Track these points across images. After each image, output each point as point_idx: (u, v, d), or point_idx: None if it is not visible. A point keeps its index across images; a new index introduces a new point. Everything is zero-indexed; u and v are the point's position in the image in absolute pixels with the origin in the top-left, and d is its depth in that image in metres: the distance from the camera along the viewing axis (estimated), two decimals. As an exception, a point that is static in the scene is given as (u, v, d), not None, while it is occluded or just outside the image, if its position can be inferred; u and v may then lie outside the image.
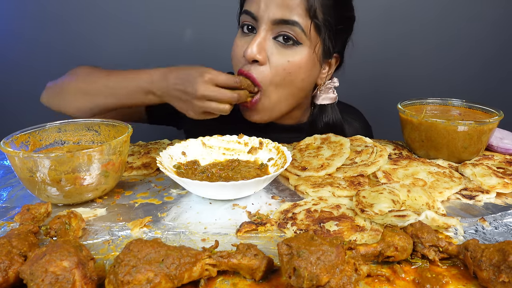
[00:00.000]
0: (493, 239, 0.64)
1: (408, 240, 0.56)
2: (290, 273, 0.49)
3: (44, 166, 0.68)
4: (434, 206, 0.72)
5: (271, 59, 0.92)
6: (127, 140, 0.79)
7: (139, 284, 0.47)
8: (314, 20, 0.90)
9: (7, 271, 0.50)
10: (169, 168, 0.81)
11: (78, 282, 0.46)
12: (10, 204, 0.77)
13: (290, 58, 0.91)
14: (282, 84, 0.95)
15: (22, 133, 0.80)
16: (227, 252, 0.53)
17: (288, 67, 0.92)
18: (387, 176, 0.84)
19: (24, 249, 0.53)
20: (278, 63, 0.91)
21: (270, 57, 0.92)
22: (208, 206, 0.75)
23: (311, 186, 0.81)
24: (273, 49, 0.91)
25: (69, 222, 0.62)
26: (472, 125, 0.89)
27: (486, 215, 0.71)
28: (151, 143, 1.09)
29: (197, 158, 0.89)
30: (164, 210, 0.74)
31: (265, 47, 0.91)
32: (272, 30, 0.91)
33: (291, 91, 0.98)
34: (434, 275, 0.53)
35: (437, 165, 0.89)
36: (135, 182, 0.87)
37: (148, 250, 0.49)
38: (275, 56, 0.91)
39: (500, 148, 1.01)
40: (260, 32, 0.90)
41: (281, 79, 0.93)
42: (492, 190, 0.79)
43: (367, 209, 0.69)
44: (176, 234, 0.66)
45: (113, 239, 0.64)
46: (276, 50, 0.91)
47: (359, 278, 0.51)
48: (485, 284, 0.50)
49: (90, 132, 0.89)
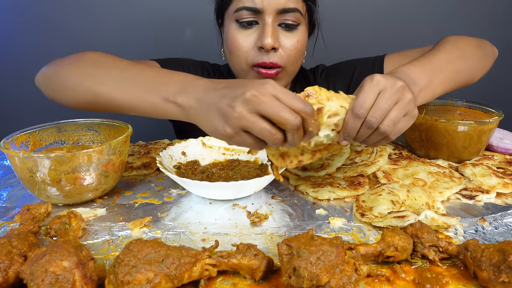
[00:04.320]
0: (493, 239, 0.63)
1: (408, 240, 0.56)
2: (290, 273, 0.49)
3: (44, 166, 0.68)
4: (434, 206, 0.72)
5: (283, 43, 0.98)
6: (127, 140, 0.79)
7: (139, 284, 0.47)
8: (307, 2, 1.01)
9: (7, 271, 0.50)
10: (169, 168, 0.81)
11: (78, 282, 0.46)
12: (10, 204, 0.77)
13: (297, 38, 0.99)
14: (295, 62, 1.03)
15: (22, 133, 0.80)
16: (227, 252, 0.53)
17: (298, 46, 1.00)
18: (387, 176, 0.84)
19: (24, 249, 0.53)
20: (290, 45, 0.98)
21: (282, 42, 0.98)
22: (208, 206, 0.75)
23: (311, 186, 0.81)
24: (281, 34, 0.98)
25: (69, 222, 0.62)
26: (472, 125, 0.89)
27: (486, 215, 0.71)
28: (151, 143, 1.09)
29: (197, 158, 0.89)
30: (164, 210, 0.74)
31: (276, 34, 0.97)
32: (276, 18, 0.96)
33: (298, 65, 1.06)
34: (434, 275, 0.53)
35: (437, 165, 0.89)
36: (135, 182, 0.87)
37: (148, 250, 0.49)
38: (285, 40, 0.98)
39: (500, 148, 1.01)
40: (267, 23, 0.95)
41: (295, 57, 1.01)
42: (492, 190, 0.79)
43: (367, 213, 0.69)
44: (176, 234, 0.66)
45: (113, 239, 0.64)
46: (283, 34, 0.98)
47: (359, 278, 0.51)
48: (485, 284, 0.50)
49: (90, 132, 0.89)
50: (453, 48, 0.87)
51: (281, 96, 0.58)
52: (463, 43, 0.91)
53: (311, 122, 0.59)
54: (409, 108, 0.65)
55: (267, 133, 0.58)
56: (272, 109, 0.57)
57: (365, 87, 0.63)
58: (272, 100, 0.57)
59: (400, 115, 0.64)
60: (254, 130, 0.58)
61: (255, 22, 0.96)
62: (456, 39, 0.93)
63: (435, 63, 0.80)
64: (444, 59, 0.82)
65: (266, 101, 0.57)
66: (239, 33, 0.98)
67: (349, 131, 0.63)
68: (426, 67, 0.77)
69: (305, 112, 0.57)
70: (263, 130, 0.58)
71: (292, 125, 0.57)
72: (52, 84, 0.85)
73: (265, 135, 0.58)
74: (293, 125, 0.57)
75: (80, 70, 0.81)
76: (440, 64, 0.81)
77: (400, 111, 0.63)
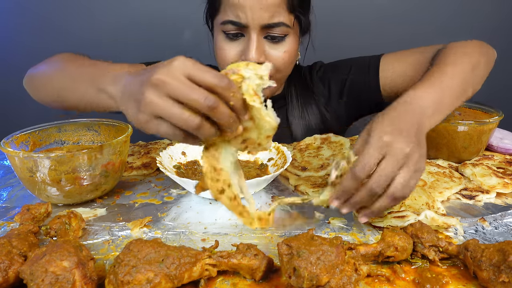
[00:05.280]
0: (493, 239, 0.63)
1: (408, 240, 0.56)
2: (290, 273, 0.49)
3: (44, 166, 0.68)
4: (434, 206, 0.72)
5: (269, 55, 0.98)
6: (127, 140, 0.79)
7: (139, 284, 0.47)
8: (295, 12, 0.99)
9: (7, 271, 0.50)
10: (169, 168, 0.81)
11: (78, 282, 0.46)
12: (10, 204, 0.77)
13: (284, 49, 0.98)
14: (283, 70, 1.03)
15: (22, 133, 0.80)
16: (227, 252, 0.53)
17: (285, 57, 0.99)
18: (387, 176, 0.84)
19: (24, 249, 0.53)
20: (277, 56, 0.98)
21: (268, 53, 0.98)
22: (208, 206, 0.75)
23: (311, 186, 0.81)
24: (267, 47, 0.98)
25: (69, 222, 0.62)
26: (472, 125, 0.89)
27: (486, 215, 0.71)
28: (151, 143, 1.09)
29: (197, 158, 0.89)
30: (164, 210, 0.74)
31: (261, 48, 0.96)
32: (262, 32, 0.95)
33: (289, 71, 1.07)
34: (434, 275, 0.53)
35: (437, 165, 0.89)
36: (135, 182, 0.87)
37: (148, 250, 0.49)
38: (272, 51, 0.98)
39: (500, 148, 1.01)
40: (252, 38, 0.94)
41: (283, 67, 1.02)
42: (492, 190, 0.79)
43: None
44: (176, 234, 0.66)
45: (113, 239, 0.64)
46: (270, 46, 0.98)
47: (359, 278, 0.51)
48: (485, 284, 0.50)
49: (90, 132, 0.89)
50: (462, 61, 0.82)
51: (193, 73, 0.52)
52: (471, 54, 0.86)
53: (230, 96, 0.52)
54: (417, 168, 0.60)
55: (179, 118, 0.52)
56: (180, 91, 0.51)
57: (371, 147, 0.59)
58: (180, 81, 0.52)
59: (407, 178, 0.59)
60: (166, 115, 0.53)
61: (241, 34, 0.97)
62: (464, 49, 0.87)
63: (445, 82, 0.75)
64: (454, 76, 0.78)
65: (172, 83, 0.52)
66: (226, 44, 0.99)
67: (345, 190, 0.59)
68: (437, 89, 0.72)
69: (221, 86, 0.51)
70: (174, 115, 0.52)
71: (203, 105, 0.51)
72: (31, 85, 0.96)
73: (177, 120, 0.52)
74: (204, 105, 0.51)
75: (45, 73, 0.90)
76: (451, 83, 0.76)
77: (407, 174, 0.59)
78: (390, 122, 0.62)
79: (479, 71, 0.86)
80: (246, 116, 0.55)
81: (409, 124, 0.62)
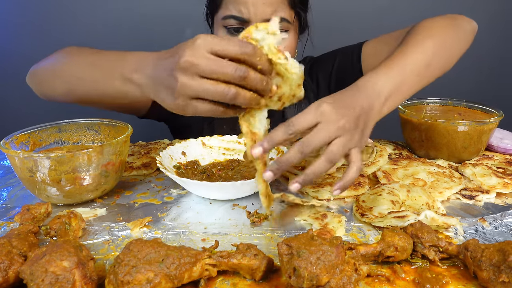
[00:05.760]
0: (493, 239, 0.63)
1: (408, 240, 0.56)
2: (290, 273, 0.49)
3: (44, 166, 0.68)
4: (434, 206, 0.72)
5: None
6: (127, 140, 0.79)
7: (139, 284, 0.47)
8: (296, 9, 1.00)
9: (7, 271, 0.50)
10: (169, 168, 0.81)
11: (78, 282, 0.46)
12: (10, 204, 0.77)
13: (284, 45, 0.99)
14: None
15: (22, 133, 0.80)
16: (227, 252, 0.53)
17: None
18: (387, 176, 0.84)
19: (24, 249, 0.53)
20: None
21: None
22: (208, 206, 0.75)
23: (311, 186, 0.81)
24: None
25: (69, 222, 0.62)
26: (472, 125, 0.89)
27: (486, 215, 0.71)
28: (151, 143, 1.09)
29: (197, 158, 0.89)
30: (164, 210, 0.74)
31: None
32: None
33: None
34: (434, 275, 0.53)
35: (437, 165, 0.89)
36: (135, 182, 0.87)
37: (148, 250, 0.49)
38: None
39: (500, 148, 1.01)
40: None
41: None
42: (492, 190, 0.79)
43: (367, 213, 0.69)
44: (176, 234, 0.66)
45: (113, 239, 0.64)
46: None
47: (359, 278, 0.51)
48: (485, 284, 0.50)
49: (90, 132, 0.89)
50: (426, 38, 0.79)
51: (216, 47, 0.54)
52: (437, 29, 0.83)
53: (257, 61, 0.55)
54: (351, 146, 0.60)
55: (214, 92, 0.54)
56: (210, 69, 0.53)
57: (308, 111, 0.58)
58: (208, 58, 0.54)
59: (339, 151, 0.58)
60: (201, 94, 0.54)
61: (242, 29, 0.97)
62: (430, 25, 0.85)
63: (406, 63, 0.72)
64: (416, 56, 0.74)
65: (201, 63, 0.53)
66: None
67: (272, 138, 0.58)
68: (395, 72, 0.69)
69: (247, 53, 0.53)
70: (210, 91, 0.54)
71: (235, 76, 0.53)
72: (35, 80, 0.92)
73: (214, 94, 0.54)
74: (236, 76, 0.53)
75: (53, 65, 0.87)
76: (411, 62, 0.73)
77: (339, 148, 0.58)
78: (334, 99, 0.61)
79: (446, 50, 0.82)
80: (273, 74, 0.58)
81: (355, 104, 0.61)
